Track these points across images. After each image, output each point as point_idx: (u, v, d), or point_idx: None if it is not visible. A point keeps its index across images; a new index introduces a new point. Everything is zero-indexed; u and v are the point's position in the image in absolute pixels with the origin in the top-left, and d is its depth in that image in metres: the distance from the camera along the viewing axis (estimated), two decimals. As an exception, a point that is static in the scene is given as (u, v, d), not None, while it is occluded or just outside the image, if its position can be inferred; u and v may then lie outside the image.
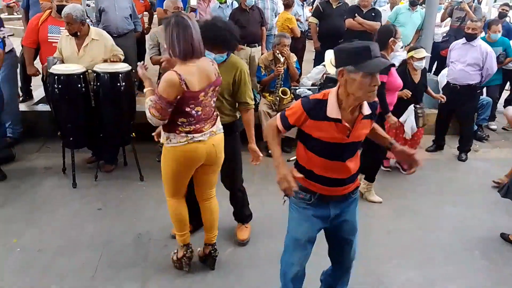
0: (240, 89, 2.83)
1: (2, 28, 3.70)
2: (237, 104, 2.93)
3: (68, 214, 3.53)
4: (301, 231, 2.22)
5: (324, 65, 5.06)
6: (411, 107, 4.28)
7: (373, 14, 5.78)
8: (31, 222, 3.39)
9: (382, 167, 4.39)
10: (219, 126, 2.65)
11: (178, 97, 2.38)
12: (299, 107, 2.04)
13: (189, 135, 2.49)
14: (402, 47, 5.54)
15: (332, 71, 4.84)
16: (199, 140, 2.51)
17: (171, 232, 3.19)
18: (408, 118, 4.27)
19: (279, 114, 2.16)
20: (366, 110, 2.03)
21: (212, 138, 2.58)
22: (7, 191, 3.84)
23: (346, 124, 1.98)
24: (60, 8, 4.01)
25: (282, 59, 4.71)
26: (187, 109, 2.44)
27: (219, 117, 2.68)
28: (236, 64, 2.82)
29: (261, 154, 2.96)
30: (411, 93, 4.13)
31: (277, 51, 4.73)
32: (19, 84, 5.28)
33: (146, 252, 3.09)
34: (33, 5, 5.17)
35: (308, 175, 2.13)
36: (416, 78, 4.22)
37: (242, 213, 3.31)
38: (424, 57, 4.15)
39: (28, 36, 4.36)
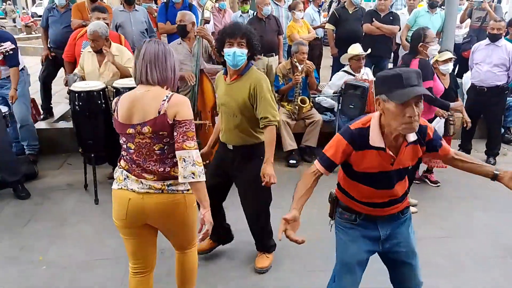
0: (258, 104, 2.62)
1: (2, 44, 3.77)
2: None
3: (91, 230, 3.53)
4: (350, 254, 2.06)
5: (344, 71, 4.98)
6: None
7: (391, 18, 5.70)
8: (55, 239, 3.41)
9: None
10: (167, 186, 2.05)
11: None
12: (340, 140, 1.87)
13: (123, 173, 2.11)
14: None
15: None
16: (131, 189, 2.06)
17: None
18: (439, 123, 4.00)
19: (316, 160, 1.95)
20: (411, 137, 1.87)
21: (148, 196, 2.05)
22: (31, 207, 3.89)
23: (390, 153, 1.86)
24: None
25: (300, 67, 4.66)
26: (121, 141, 2.11)
27: (173, 181, 2.06)
28: (252, 79, 2.64)
29: (274, 181, 2.65)
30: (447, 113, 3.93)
31: (295, 59, 4.69)
32: (40, 102, 5.40)
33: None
34: (52, 24, 5.27)
35: (351, 198, 2.02)
36: (446, 82, 3.99)
37: (262, 244, 3.06)
38: (450, 59, 3.94)
39: (66, 50, 4.55)
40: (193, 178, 1.94)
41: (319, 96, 5.19)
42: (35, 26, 15.86)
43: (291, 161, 4.79)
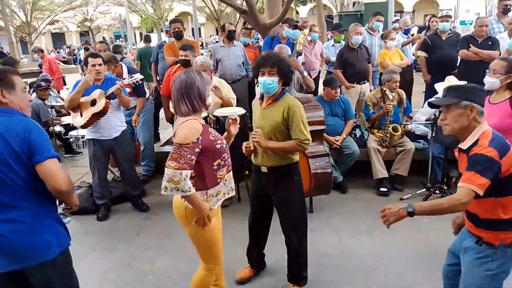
0: (292, 126, 2.73)
1: (133, 75, 4.34)
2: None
3: (191, 243, 3.85)
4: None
5: (437, 98, 4.89)
6: None
7: (489, 42, 5.45)
8: (161, 250, 3.81)
9: None
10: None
11: None
12: None
13: None
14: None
15: None
16: None
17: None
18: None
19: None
20: (464, 144, 2.06)
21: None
22: (141, 222, 4.39)
23: (456, 153, 2.16)
24: (183, 62, 4.58)
25: (391, 96, 4.70)
26: None
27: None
28: (286, 104, 2.75)
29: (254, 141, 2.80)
30: None
31: (385, 88, 4.75)
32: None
33: (261, 283, 3.25)
34: (161, 60, 5.98)
35: None
36: None
37: (294, 271, 3.06)
38: None
39: (163, 85, 5.06)
40: (165, 191, 2.26)
41: (411, 123, 5.13)
42: (143, 60, 17.54)
43: (382, 189, 4.72)
